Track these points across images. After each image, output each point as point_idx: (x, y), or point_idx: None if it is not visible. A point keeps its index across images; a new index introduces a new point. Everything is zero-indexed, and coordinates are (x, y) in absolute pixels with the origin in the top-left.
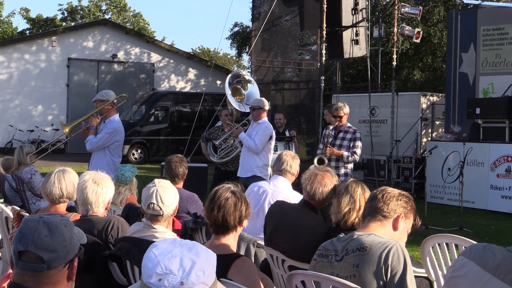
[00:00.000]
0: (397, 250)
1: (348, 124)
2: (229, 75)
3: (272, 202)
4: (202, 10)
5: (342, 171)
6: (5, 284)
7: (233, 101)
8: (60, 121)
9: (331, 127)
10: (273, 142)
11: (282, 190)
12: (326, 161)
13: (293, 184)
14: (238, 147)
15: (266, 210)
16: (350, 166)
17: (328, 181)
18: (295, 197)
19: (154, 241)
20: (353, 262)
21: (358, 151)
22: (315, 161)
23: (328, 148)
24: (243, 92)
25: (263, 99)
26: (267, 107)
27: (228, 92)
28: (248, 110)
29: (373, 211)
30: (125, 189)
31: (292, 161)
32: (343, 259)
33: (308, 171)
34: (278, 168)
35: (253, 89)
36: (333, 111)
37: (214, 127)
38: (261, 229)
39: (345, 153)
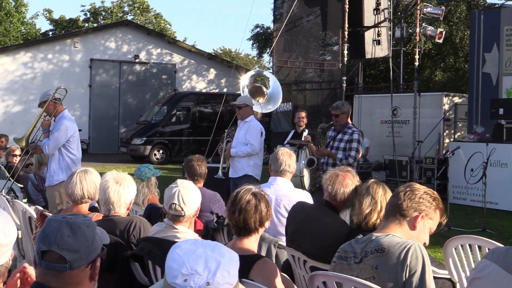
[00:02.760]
0: (416, 250)
1: (349, 124)
2: (243, 79)
3: (278, 208)
4: (223, 11)
5: None
6: (18, 276)
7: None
8: (13, 138)
9: (328, 127)
10: (263, 139)
11: (284, 192)
12: (316, 162)
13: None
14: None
15: (274, 217)
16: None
17: (350, 182)
18: (299, 195)
19: (176, 241)
20: (372, 263)
21: (353, 153)
22: (305, 163)
23: (318, 150)
24: (265, 91)
25: (248, 95)
26: (252, 103)
27: (246, 95)
28: (268, 111)
29: (392, 209)
30: (142, 186)
31: (290, 159)
32: (362, 261)
33: (329, 171)
34: (277, 169)
35: (275, 85)
36: (330, 110)
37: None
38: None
39: (339, 156)
